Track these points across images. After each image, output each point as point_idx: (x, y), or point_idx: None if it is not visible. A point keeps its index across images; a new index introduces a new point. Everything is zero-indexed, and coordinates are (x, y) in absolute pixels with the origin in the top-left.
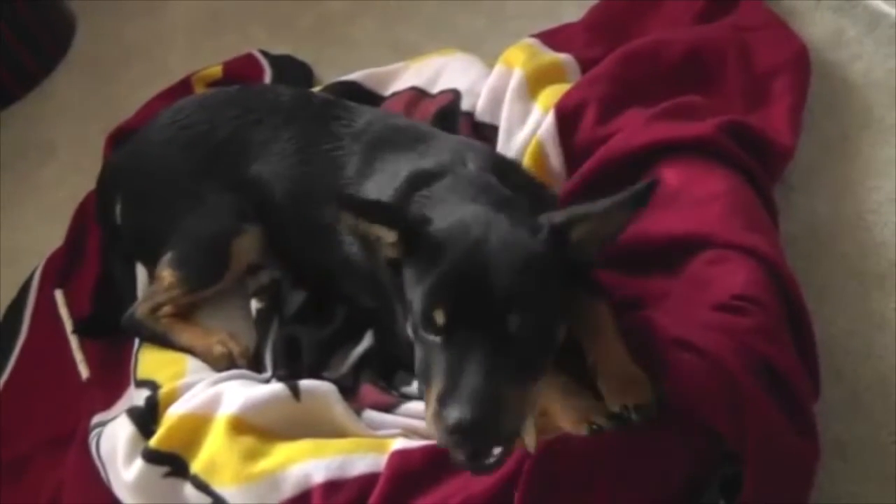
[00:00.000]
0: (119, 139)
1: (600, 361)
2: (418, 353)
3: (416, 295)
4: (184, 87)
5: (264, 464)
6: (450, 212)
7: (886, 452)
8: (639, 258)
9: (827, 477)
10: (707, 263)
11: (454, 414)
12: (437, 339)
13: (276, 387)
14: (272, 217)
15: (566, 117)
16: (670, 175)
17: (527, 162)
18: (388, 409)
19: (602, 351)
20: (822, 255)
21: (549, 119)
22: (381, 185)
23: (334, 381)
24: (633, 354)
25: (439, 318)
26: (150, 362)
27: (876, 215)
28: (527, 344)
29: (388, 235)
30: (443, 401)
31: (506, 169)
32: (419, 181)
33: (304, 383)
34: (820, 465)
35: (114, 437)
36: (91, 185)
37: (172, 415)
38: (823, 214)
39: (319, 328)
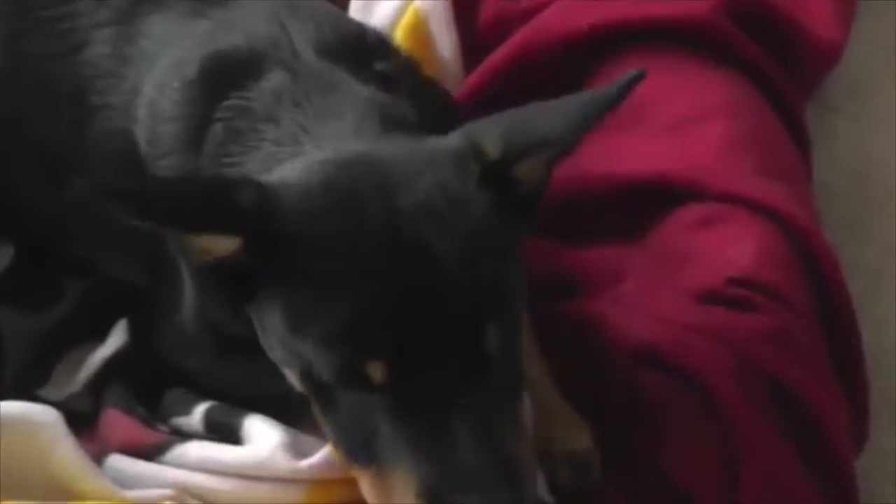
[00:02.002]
0: None
1: None
2: (334, 418)
3: (307, 333)
4: None
5: None
6: (297, 151)
7: None
8: (579, 216)
9: None
10: (691, 226)
11: None
12: (377, 396)
13: None
14: None
15: None
16: None
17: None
18: (150, 453)
19: None
20: (878, 221)
21: None
22: (157, 83)
23: (58, 404)
24: (562, 379)
25: (377, 374)
26: None
27: None
28: (509, 356)
29: (224, 243)
30: (435, 496)
31: (362, 50)
32: (223, 78)
33: (5, 407)
34: None
35: None
36: None
37: None
38: (883, 156)
39: (35, 312)
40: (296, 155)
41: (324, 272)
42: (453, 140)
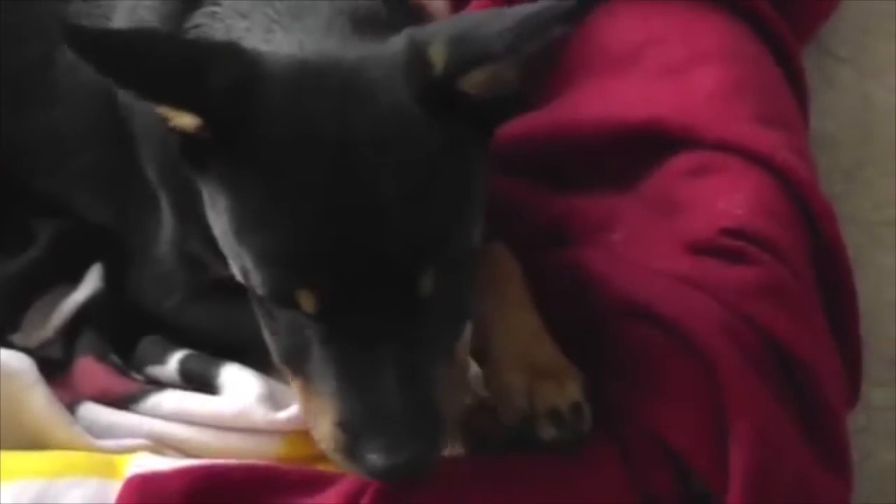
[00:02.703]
0: None
1: (494, 339)
2: (271, 325)
3: (246, 241)
4: None
5: None
6: (267, 38)
7: None
8: (569, 162)
9: None
10: (684, 174)
11: (378, 458)
12: (307, 321)
13: None
14: None
15: None
16: (627, 23)
17: None
18: (124, 402)
19: (498, 323)
20: (878, 172)
21: None
22: (129, 6)
23: (29, 351)
24: (551, 329)
25: (307, 303)
26: None
27: None
28: (448, 296)
29: (185, 119)
30: (349, 428)
31: None
32: None
33: None
34: None
35: None
36: None
37: None
38: (884, 105)
39: (5, 255)
40: (266, 42)
41: (270, 181)
42: (402, 47)
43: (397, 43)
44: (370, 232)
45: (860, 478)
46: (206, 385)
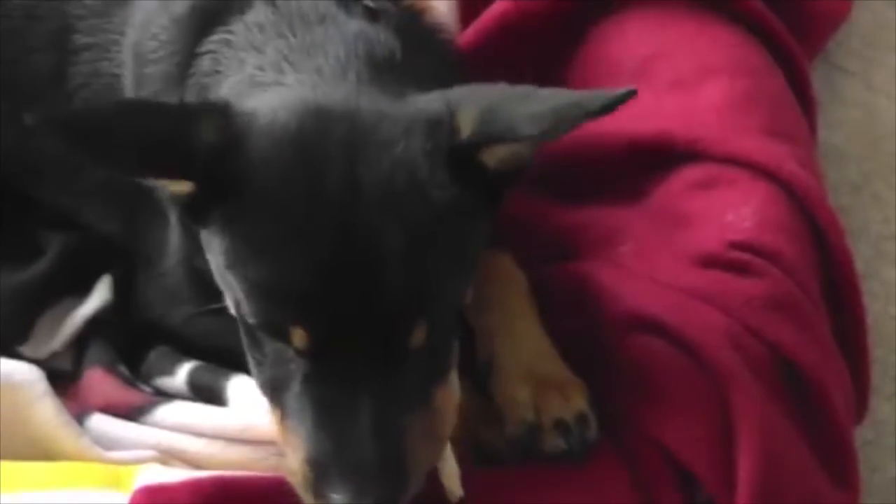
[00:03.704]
0: None
1: (500, 352)
2: (256, 355)
3: (240, 275)
4: None
5: None
6: (278, 79)
7: None
8: (577, 175)
9: None
10: (692, 187)
11: (344, 500)
12: (293, 355)
13: None
14: None
15: None
16: (636, 35)
17: None
18: (132, 413)
19: (503, 335)
20: (886, 185)
21: None
22: (141, 22)
23: (38, 362)
24: (557, 341)
25: (299, 340)
26: None
27: None
28: (432, 349)
29: (177, 185)
30: (318, 468)
31: None
32: (209, 15)
33: None
34: None
35: None
36: None
37: None
38: (892, 118)
39: (15, 267)
40: (277, 83)
41: (273, 224)
42: (434, 104)
43: (425, 101)
44: (369, 282)
45: (867, 491)
46: (214, 397)
